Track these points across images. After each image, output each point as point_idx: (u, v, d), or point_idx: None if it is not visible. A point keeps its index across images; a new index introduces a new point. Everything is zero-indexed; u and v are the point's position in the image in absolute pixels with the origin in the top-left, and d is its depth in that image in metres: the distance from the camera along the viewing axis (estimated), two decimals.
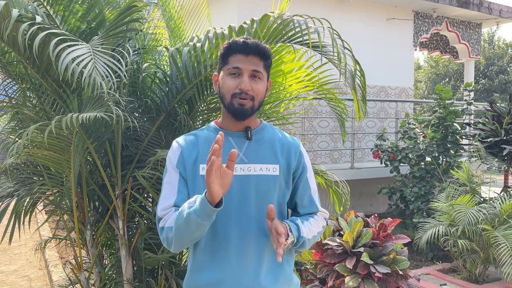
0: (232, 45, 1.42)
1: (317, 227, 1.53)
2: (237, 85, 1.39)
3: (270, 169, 1.44)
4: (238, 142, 1.46)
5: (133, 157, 2.65)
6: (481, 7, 9.18)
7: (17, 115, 2.67)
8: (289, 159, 1.48)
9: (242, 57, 1.40)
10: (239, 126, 1.47)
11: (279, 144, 1.50)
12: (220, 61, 1.47)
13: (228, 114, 1.45)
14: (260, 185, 1.42)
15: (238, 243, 1.41)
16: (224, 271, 1.41)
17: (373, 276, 2.92)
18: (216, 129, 1.50)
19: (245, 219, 1.41)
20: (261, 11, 2.70)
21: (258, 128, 1.51)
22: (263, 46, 1.43)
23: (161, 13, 3.32)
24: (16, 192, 2.68)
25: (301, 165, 1.52)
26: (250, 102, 1.40)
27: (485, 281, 4.46)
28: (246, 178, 1.42)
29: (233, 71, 1.40)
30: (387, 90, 8.68)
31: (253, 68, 1.40)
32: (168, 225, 1.37)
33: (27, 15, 1.93)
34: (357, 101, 2.59)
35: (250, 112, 1.41)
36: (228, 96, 1.40)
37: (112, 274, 2.80)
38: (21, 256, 5.64)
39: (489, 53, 25.15)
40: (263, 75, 1.43)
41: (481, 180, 4.88)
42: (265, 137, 1.50)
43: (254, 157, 1.44)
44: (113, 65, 1.97)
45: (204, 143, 1.47)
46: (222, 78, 1.44)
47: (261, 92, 1.43)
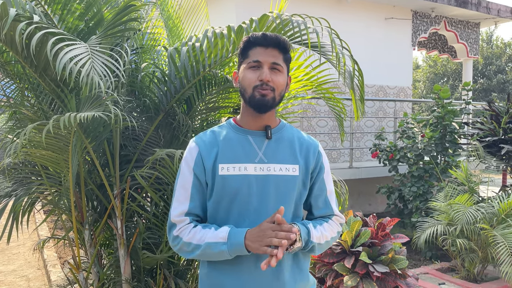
0: (251, 39, 1.41)
1: (331, 232, 1.49)
2: (257, 77, 1.38)
3: (289, 169, 1.42)
4: (258, 141, 1.44)
5: (131, 157, 2.65)
6: (479, 6, 9.19)
7: (15, 114, 2.67)
8: (307, 159, 1.46)
9: (262, 50, 1.39)
10: (259, 124, 1.44)
11: (298, 143, 1.48)
12: (239, 57, 1.46)
13: (248, 109, 1.43)
14: (280, 186, 1.40)
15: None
16: (242, 271, 1.40)
17: (371, 275, 2.92)
18: (235, 127, 1.47)
19: (264, 219, 1.38)
20: (260, 11, 2.70)
21: (278, 127, 1.49)
22: (282, 39, 1.41)
23: (159, 13, 3.31)
24: (14, 192, 2.68)
25: (319, 165, 1.49)
26: (271, 93, 1.38)
27: (483, 280, 4.47)
28: (266, 178, 1.40)
29: (253, 64, 1.39)
30: (386, 90, 8.69)
31: (273, 60, 1.39)
32: (186, 240, 1.38)
33: (24, 15, 1.93)
34: (355, 101, 2.59)
35: (271, 103, 1.39)
36: (249, 89, 1.39)
37: (110, 274, 2.79)
38: (20, 256, 5.63)
39: (487, 53, 25.18)
40: (283, 67, 1.42)
41: (479, 180, 4.89)
42: (285, 137, 1.48)
43: (273, 157, 1.42)
44: (111, 65, 1.97)
45: (223, 141, 1.44)
46: (242, 72, 1.42)
47: (282, 84, 1.41)
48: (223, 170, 1.39)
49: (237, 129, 1.46)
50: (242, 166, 1.40)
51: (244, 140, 1.43)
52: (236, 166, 1.39)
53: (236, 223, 1.39)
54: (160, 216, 2.63)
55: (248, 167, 1.40)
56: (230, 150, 1.42)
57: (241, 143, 1.43)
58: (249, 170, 1.39)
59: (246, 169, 1.39)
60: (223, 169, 1.39)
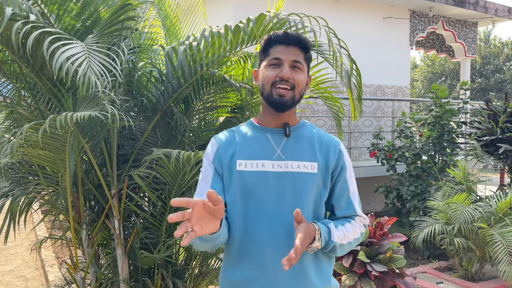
0: (272, 37, 1.41)
1: (354, 233, 1.45)
2: (276, 74, 1.37)
3: (308, 166, 1.40)
4: (276, 138, 1.43)
5: (129, 156, 2.64)
6: (477, 6, 9.20)
7: (12, 114, 2.66)
8: (327, 158, 1.44)
9: (283, 48, 1.39)
10: (278, 122, 1.44)
11: (318, 141, 1.46)
12: (260, 55, 1.46)
13: (267, 107, 1.43)
14: (297, 183, 1.39)
15: (273, 242, 1.37)
16: (258, 269, 1.38)
17: (369, 274, 2.92)
18: (255, 125, 1.48)
19: (280, 217, 1.37)
20: (258, 11, 2.69)
21: (297, 125, 1.48)
22: (304, 37, 1.41)
23: (156, 12, 3.31)
24: (11, 192, 2.67)
25: (340, 164, 1.46)
26: (290, 92, 1.37)
27: (481, 279, 4.48)
28: (283, 175, 1.39)
29: (273, 61, 1.39)
30: (384, 89, 8.70)
31: (294, 58, 1.38)
32: None
33: (21, 14, 1.92)
34: (353, 100, 2.59)
35: (290, 102, 1.38)
36: (267, 86, 1.38)
37: (108, 273, 2.79)
38: (17, 256, 5.62)
39: (485, 52, 25.23)
40: (304, 66, 1.41)
41: (477, 179, 4.90)
42: (304, 135, 1.46)
43: (291, 154, 1.41)
44: (108, 64, 1.96)
45: (241, 139, 1.45)
46: (261, 70, 1.42)
47: (302, 82, 1.40)
48: (241, 165, 1.40)
49: (256, 127, 1.47)
50: (260, 162, 1.40)
51: (262, 137, 1.44)
52: (254, 163, 1.40)
53: (253, 219, 1.38)
54: (157, 216, 2.62)
55: (266, 164, 1.40)
56: (248, 147, 1.43)
57: (260, 140, 1.44)
58: (266, 166, 1.39)
59: (263, 165, 1.39)
60: (241, 165, 1.40)
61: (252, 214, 1.38)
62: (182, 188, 2.54)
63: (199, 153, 2.20)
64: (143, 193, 2.75)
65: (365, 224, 1.52)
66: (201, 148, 2.91)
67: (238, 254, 1.41)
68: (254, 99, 2.95)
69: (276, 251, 1.37)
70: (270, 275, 1.37)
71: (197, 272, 2.92)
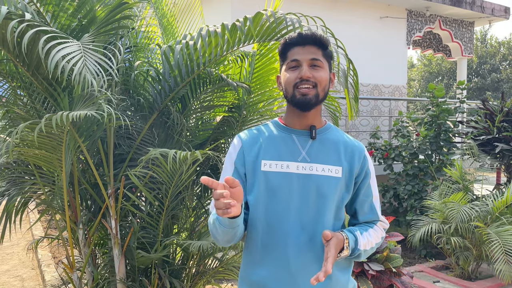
0: (287, 40, 1.41)
1: (376, 238, 1.47)
2: (297, 76, 1.37)
3: (332, 170, 1.40)
4: (302, 140, 1.43)
5: (125, 156, 2.63)
6: (473, 5, 9.22)
7: (8, 113, 2.64)
8: (352, 163, 1.44)
9: (299, 49, 1.39)
10: (304, 124, 1.44)
11: (343, 146, 1.45)
12: (281, 58, 1.46)
13: (292, 108, 1.43)
14: (321, 186, 1.39)
15: (296, 243, 1.37)
16: (279, 269, 1.38)
17: (366, 273, 2.93)
18: (280, 125, 1.47)
19: (304, 219, 1.38)
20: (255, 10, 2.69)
21: (323, 128, 1.47)
22: (319, 35, 1.40)
23: (153, 11, 3.29)
24: (7, 192, 2.65)
25: (365, 170, 1.46)
26: (313, 90, 1.37)
27: (477, 278, 4.49)
28: (308, 177, 1.39)
29: (292, 64, 1.39)
30: (381, 88, 8.71)
31: (311, 57, 1.37)
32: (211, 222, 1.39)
33: (16, 12, 1.91)
34: (350, 100, 2.59)
35: (314, 101, 1.37)
36: (290, 89, 1.38)
37: (105, 273, 2.78)
38: (14, 255, 5.60)
39: (481, 52, 25.30)
40: (323, 63, 1.40)
41: (473, 178, 4.92)
42: (330, 138, 1.46)
43: (317, 157, 1.41)
44: (104, 63, 1.96)
45: (266, 139, 1.45)
46: (282, 73, 1.43)
47: (324, 79, 1.38)
48: (265, 166, 1.40)
49: (281, 128, 1.46)
50: (285, 163, 1.40)
51: (288, 138, 1.44)
52: (279, 164, 1.40)
53: (276, 219, 1.38)
54: (154, 216, 2.62)
55: (291, 165, 1.40)
56: (273, 147, 1.43)
57: (285, 141, 1.43)
58: (291, 168, 1.39)
59: (288, 167, 1.39)
60: (265, 165, 1.40)
61: (275, 215, 1.39)
62: (179, 187, 2.54)
63: (195, 153, 2.19)
64: (140, 192, 2.75)
65: (385, 228, 1.54)
66: (198, 147, 2.90)
67: (260, 254, 1.42)
68: (251, 98, 2.95)
69: (299, 252, 1.37)
70: (292, 275, 1.38)
71: (194, 272, 2.91)
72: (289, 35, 1.42)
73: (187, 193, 2.73)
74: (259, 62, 2.88)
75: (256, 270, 1.42)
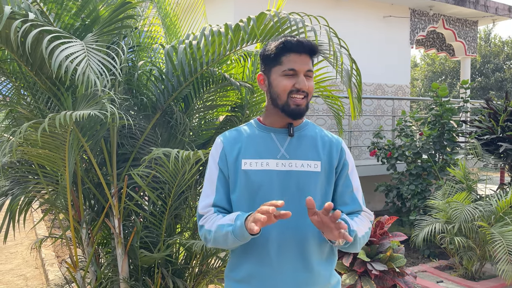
0: (286, 44, 1.42)
1: (364, 226, 1.46)
2: (293, 84, 1.41)
3: (311, 165, 1.44)
4: (280, 138, 1.47)
5: (128, 155, 2.64)
6: (477, 4, 9.19)
7: (11, 113, 2.65)
8: (330, 156, 1.48)
9: (296, 57, 1.41)
10: (283, 122, 1.48)
11: (320, 141, 1.50)
12: (270, 60, 1.45)
13: (279, 112, 1.46)
14: (301, 181, 1.42)
15: (278, 239, 1.41)
16: (262, 266, 1.42)
17: (370, 273, 2.92)
18: (259, 125, 1.51)
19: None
20: (258, 9, 2.69)
21: (301, 125, 1.52)
22: (315, 45, 1.44)
23: (156, 10, 3.30)
24: (11, 191, 2.66)
25: (342, 161, 1.50)
26: (304, 101, 1.43)
27: (481, 278, 4.48)
28: (287, 174, 1.42)
29: (289, 72, 1.41)
30: (384, 88, 8.68)
31: (307, 68, 1.42)
32: (207, 227, 1.42)
33: (20, 12, 1.91)
34: (353, 100, 2.58)
35: (305, 110, 1.45)
36: (284, 96, 1.42)
37: (108, 273, 2.78)
38: (17, 255, 5.62)
39: (485, 51, 25.20)
40: (313, 73, 1.47)
41: (477, 178, 4.89)
42: (307, 134, 1.50)
43: (295, 153, 1.45)
44: (107, 63, 1.96)
45: (246, 138, 1.49)
46: (275, 78, 1.44)
47: (313, 88, 1.46)
48: (246, 165, 1.44)
49: (261, 127, 1.51)
50: (264, 161, 1.44)
51: (267, 137, 1.48)
52: (259, 162, 1.44)
53: None
54: (157, 215, 2.62)
55: (270, 163, 1.43)
56: (253, 146, 1.46)
57: (264, 140, 1.47)
58: (271, 165, 1.43)
59: (268, 164, 1.43)
60: (246, 164, 1.44)
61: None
62: (182, 187, 2.54)
63: (198, 153, 2.19)
64: (143, 192, 2.75)
65: (371, 220, 1.54)
66: (201, 147, 2.90)
67: (243, 252, 1.45)
68: (254, 97, 2.95)
69: (281, 248, 1.41)
70: (274, 271, 1.41)
71: (197, 271, 2.91)
72: (288, 39, 1.42)
73: (190, 193, 2.74)
74: None
75: (240, 267, 1.46)
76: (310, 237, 1.42)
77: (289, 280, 1.41)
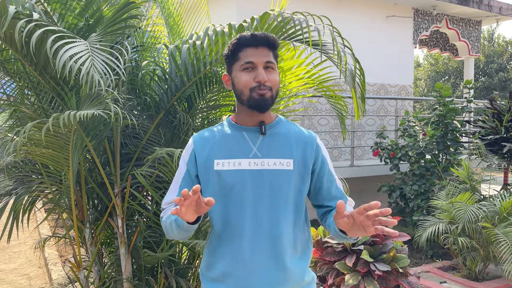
0: (241, 40, 1.41)
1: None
2: (253, 79, 1.39)
3: (284, 163, 1.43)
4: (252, 137, 1.46)
5: (132, 155, 2.64)
6: (481, 4, 9.15)
7: (15, 113, 2.66)
8: (305, 153, 1.46)
9: (253, 50, 1.40)
10: (254, 120, 1.46)
11: (294, 138, 1.48)
12: (230, 59, 1.45)
13: (245, 109, 1.45)
14: (274, 180, 1.41)
15: (252, 238, 1.40)
16: (237, 264, 1.41)
17: (373, 274, 2.91)
18: (232, 124, 1.50)
19: (259, 214, 1.40)
20: (260, 9, 2.69)
21: (273, 123, 1.50)
22: (271, 36, 1.42)
23: (159, 10, 3.30)
24: (14, 191, 2.67)
25: (320, 158, 1.49)
26: (269, 93, 1.40)
27: (485, 278, 4.46)
28: (260, 173, 1.41)
29: (247, 66, 1.39)
30: (387, 88, 8.67)
31: (266, 59, 1.39)
32: (164, 219, 1.46)
33: (24, 12, 1.92)
34: (357, 100, 2.57)
35: (271, 102, 1.41)
36: (246, 91, 1.40)
37: (111, 272, 2.79)
38: (21, 254, 5.64)
39: (489, 51, 25.11)
40: (275, 65, 1.43)
41: (481, 178, 4.88)
42: (280, 132, 1.48)
43: (268, 152, 1.43)
44: (111, 63, 1.96)
45: (219, 138, 1.48)
46: (235, 75, 1.43)
47: (277, 82, 1.43)
48: (218, 165, 1.43)
49: (233, 126, 1.49)
50: (237, 161, 1.42)
51: (239, 136, 1.46)
52: (231, 162, 1.42)
53: (232, 217, 1.41)
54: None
55: (242, 162, 1.42)
56: (225, 146, 1.45)
57: (236, 139, 1.46)
58: (243, 165, 1.42)
59: (240, 164, 1.42)
60: (218, 165, 1.43)
61: (231, 212, 1.42)
62: None
63: None
64: (146, 192, 2.75)
65: (352, 207, 1.56)
66: None
67: (218, 251, 1.45)
68: None
69: (255, 248, 1.40)
70: (247, 270, 1.40)
71: None
72: (241, 35, 1.42)
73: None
74: None
75: (215, 266, 1.46)
76: (284, 235, 1.42)
77: (263, 279, 1.40)
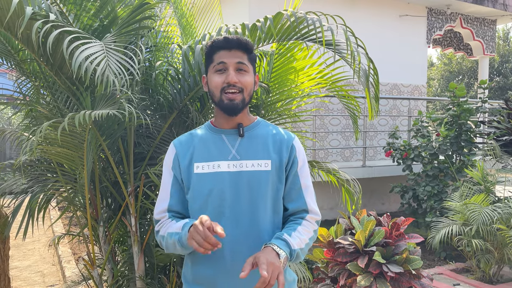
0: (214, 43, 1.44)
1: (307, 233, 1.46)
2: (223, 80, 1.41)
3: (262, 164, 1.45)
4: (231, 139, 1.48)
5: (145, 154, 2.66)
6: (496, 3, 9.02)
7: (31, 112, 2.70)
8: (281, 154, 1.48)
9: (226, 53, 1.42)
10: (232, 123, 1.49)
11: (271, 139, 1.50)
12: (206, 60, 1.49)
13: (220, 111, 1.48)
14: (252, 181, 1.43)
15: (232, 240, 1.41)
16: (217, 267, 1.43)
17: (385, 275, 2.89)
18: (211, 127, 1.53)
19: (238, 216, 1.42)
20: (273, 9, 2.69)
21: (251, 125, 1.52)
22: (244, 39, 1.44)
23: (173, 11, 3.32)
24: (30, 189, 2.71)
25: (292, 158, 1.50)
26: (239, 96, 1.42)
27: (499, 281, 4.40)
28: (238, 175, 1.43)
29: (219, 67, 1.42)
30: (400, 88, 8.60)
31: (238, 60, 1.41)
32: (161, 233, 1.46)
33: (40, 13, 1.94)
34: (370, 100, 2.56)
35: (241, 106, 1.43)
36: (217, 93, 1.42)
37: (124, 270, 2.81)
38: (35, 252, 5.72)
39: (503, 50, 24.73)
40: (249, 67, 1.44)
41: (495, 179, 4.81)
42: (258, 133, 1.51)
43: (246, 154, 1.46)
44: (125, 63, 1.98)
45: (198, 142, 1.50)
46: (209, 77, 1.46)
47: (249, 83, 1.44)
48: (198, 168, 1.45)
49: (212, 129, 1.52)
50: (216, 163, 1.45)
51: (218, 139, 1.49)
52: (210, 164, 1.45)
53: (213, 219, 1.41)
54: None
55: (222, 165, 1.44)
56: (204, 149, 1.47)
57: (215, 142, 1.48)
58: (222, 167, 1.44)
59: (219, 166, 1.44)
60: (198, 168, 1.45)
61: (212, 214, 1.42)
62: None
63: None
64: (159, 191, 2.77)
65: (317, 221, 1.52)
66: None
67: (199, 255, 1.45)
68: (269, 97, 2.94)
69: (235, 250, 1.42)
70: (229, 272, 1.42)
71: None
72: (215, 38, 1.45)
73: None
74: (278, 62, 2.87)
75: (197, 270, 1.47)
76: (264, 237, 1.43)
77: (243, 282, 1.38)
